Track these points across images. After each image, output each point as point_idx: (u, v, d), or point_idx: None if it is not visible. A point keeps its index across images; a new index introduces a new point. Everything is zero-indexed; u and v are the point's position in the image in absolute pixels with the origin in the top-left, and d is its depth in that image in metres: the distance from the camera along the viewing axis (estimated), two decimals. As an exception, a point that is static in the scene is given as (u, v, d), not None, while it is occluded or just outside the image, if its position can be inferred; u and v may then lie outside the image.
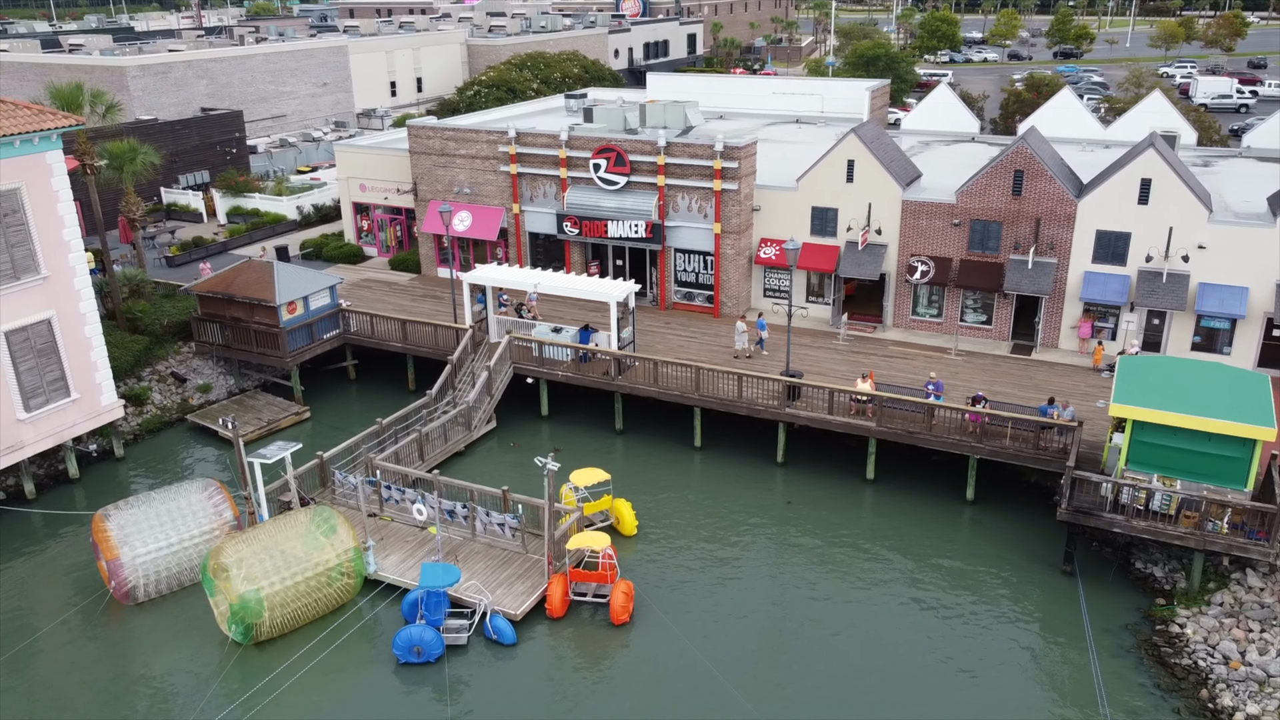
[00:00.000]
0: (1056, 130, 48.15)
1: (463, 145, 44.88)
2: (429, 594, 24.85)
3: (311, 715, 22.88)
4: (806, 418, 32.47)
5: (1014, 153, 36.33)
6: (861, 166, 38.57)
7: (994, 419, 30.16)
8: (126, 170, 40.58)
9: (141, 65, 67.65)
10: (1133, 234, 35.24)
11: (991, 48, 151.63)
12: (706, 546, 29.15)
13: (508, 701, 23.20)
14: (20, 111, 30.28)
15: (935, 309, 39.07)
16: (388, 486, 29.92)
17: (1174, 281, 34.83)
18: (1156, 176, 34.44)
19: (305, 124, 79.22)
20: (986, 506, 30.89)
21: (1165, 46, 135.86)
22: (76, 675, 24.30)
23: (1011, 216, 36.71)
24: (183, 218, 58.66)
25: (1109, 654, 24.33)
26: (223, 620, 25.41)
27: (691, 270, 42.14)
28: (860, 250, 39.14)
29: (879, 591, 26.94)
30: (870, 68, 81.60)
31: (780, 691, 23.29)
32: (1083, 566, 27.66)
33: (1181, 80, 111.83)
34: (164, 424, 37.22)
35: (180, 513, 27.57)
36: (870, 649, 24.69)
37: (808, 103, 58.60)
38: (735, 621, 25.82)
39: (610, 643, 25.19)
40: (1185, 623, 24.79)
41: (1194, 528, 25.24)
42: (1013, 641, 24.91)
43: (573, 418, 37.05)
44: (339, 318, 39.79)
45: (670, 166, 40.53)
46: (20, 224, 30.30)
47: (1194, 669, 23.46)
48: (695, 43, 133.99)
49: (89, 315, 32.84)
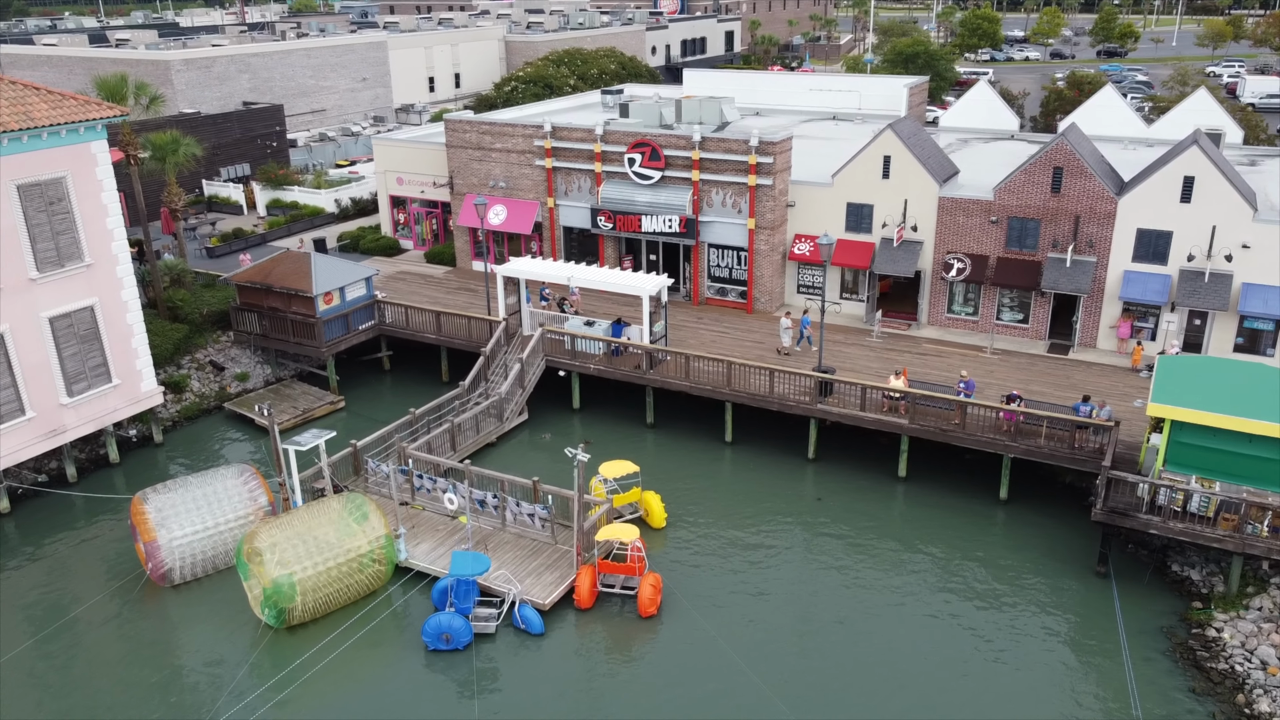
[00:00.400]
0: (1098, 128, 47.51)
1: (498, 139, 45.12)
2: (458, 582, 25.03)
3: (341, 700, 23.14)
4: (838, 414, 32.30)
5: (1053, 149, 35.88)
6: (898, 162, 38.28)
7: (1029, 418, 29.82)
8: (169, 161, 41.24)
9: (185, 59, 68.69)
10: (1174, 233, 34.67)
11: (1033, 46, 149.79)
12: (736, 541, 29.10)
13: (535, 691, 23.31)
14: (66, 102, 30.87)
15: (971, 307, 38.69)
16: (419, 475, 30.17)
17: (1216, 281, 34.23)
18: (1200, 174, 33.85)
19: (344, 118, 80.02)
20: (1020, 507, 30.55)
21: (1212, 45, 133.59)
22: (112, 653, 24.76)
23: (1050, 214, 36.26)
24: (223, 210, 59.52)
25: (1143, 657, 23.98)
26: (256, 604, 25.75)
27: (725, 266, 42.06)
28: (895, 247, 38.86)
29: (909, 591, 26.74)
30: (909, 65, 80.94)
31: (809, 688, 23.19)
32: (1117, 569, 27.28)
33: (1229, 80, 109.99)
34: (202, 411, 37.78)
35: (216, 497, 27.98)
36: (899, 648, 24.52)
37: (845, 99, 58.28)
38: (764, 617, 25.75)
39: (638, 635, 25.23)
40: (1222, 627, 24.37)
41: (1233, 530, 24.80)
42: (1045, 643, 24.62)
43: (604, 411, 37.13)
44: (374, 309, 40.16)
45: (705, 161, 40.47)
46: (65, 212, 30.91)
47: (1230, 674, 23.06)
48: (733, 40, 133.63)
49: (131, 303, 33.43)
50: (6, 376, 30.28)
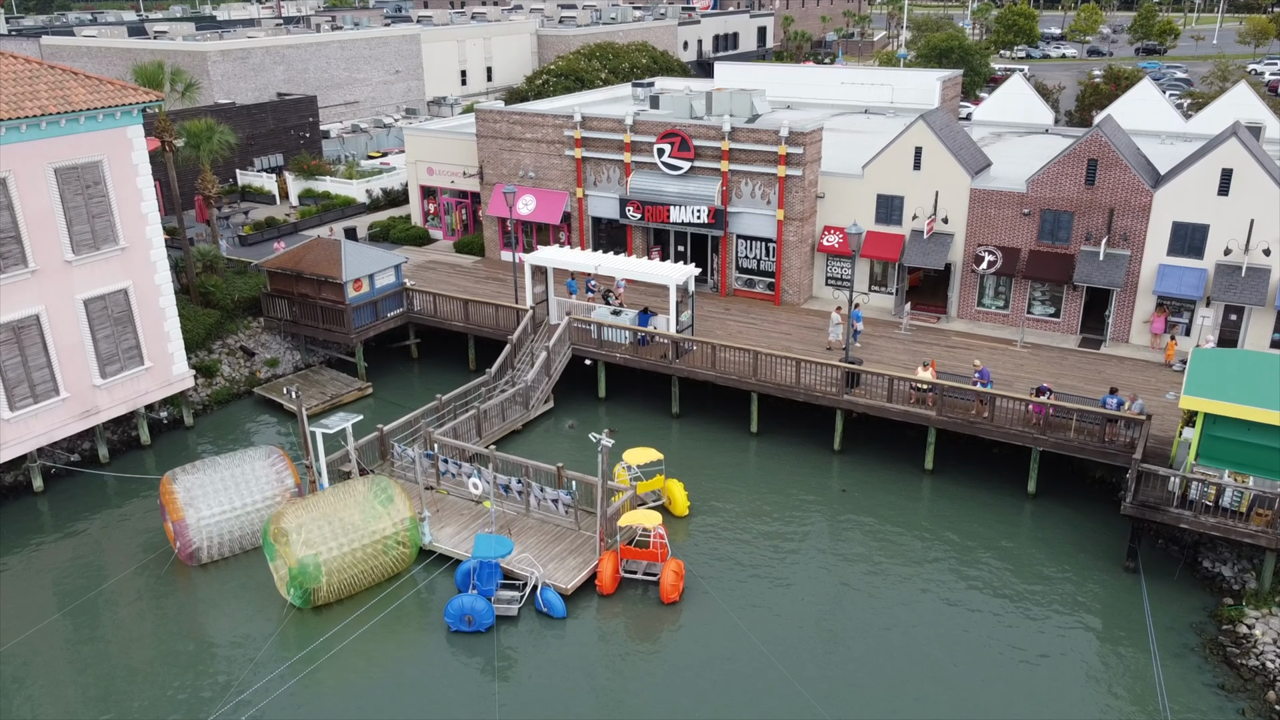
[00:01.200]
0: (1135, 123, 46.86)
1: (529, 129, 45.23)
2: (482, 564, 25.13)
3: (363, 677, 23.31)
4: (865, 405, 32.10)
5: (1088, 141, 35.42)
6: (929, 154, 37.96)
7: (1059, 411, 29.47)
8: (204, 149, 41.75)
9: (222, 50, 69.50)
10: (1211, 226, 34.11)
11: (1070, 44, 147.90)
12: (760, 531, 29.00)
13: (556, 673, 23.36)
14: (103, 87, 31.30)
15: (1002, 300, 38.30)
16: (445, 460, 30.32)
17: (1254, 276, 33.64)
18: (1238, 167, 33.29)
19: (377, 110, 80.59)
20: (1048, 501, 30.20)
21: (1255, 43, 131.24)
22: (140, 627, 25.12)
23: (1084, 207, 35.80)
24: (256, 199, 60.15)
25: (1172, 653, 23.63)
26: (282, 584, 25.97)
27: (753, 257, 41.92)
28: (926, 239, 38.54)
29: (934, 583, 26.51)
30: (943, 60, 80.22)
31: (833, 677, 23.06)
32: (1147, 564, 26.90)
33: (1270, 77, 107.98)
34: (232, 396, 38.19)
35: (244, 478, 28.29)
36: (924, 640, 24.31)
37: (877, 93, 57.85)
38: (787, 606, 25.64)
39: (660, 621, 25.22)
40: (1254, 624, 23.96)
41: (1266, 526, 24.38)
42: (1071, 638, 24.31)
43: (630, 400, 37.14)
44: (403, 297, 40.41)
45: (735, 152, 40.35)
46: (101, 195, 31.34)
47: (1261, 670, 22.68)
48: (765, 36, 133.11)
49: (164, 287, 33.86)
50: (42, 357, 30.76)
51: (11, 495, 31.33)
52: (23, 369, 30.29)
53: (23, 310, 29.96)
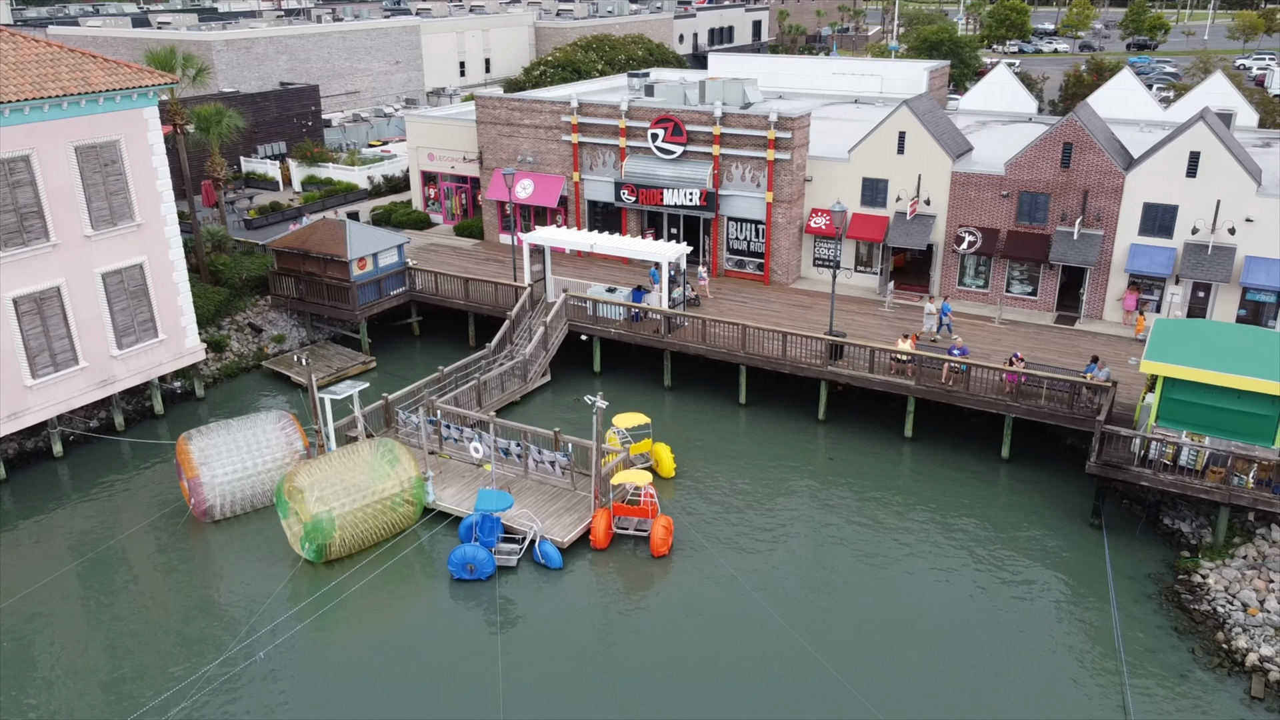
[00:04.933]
0: (1116, 111, 48.44)
1: (527, 115, 46.69)
2: (484, 518, 26.66)
3: (372, 621, 24.85)
4: (848, 376, 33.63)
5: (1064, 125, 36.96)
6: (912, 138, 39.48)
7: (1030, 379, 31.02)
8: (213, 132, 43.16)
9: (226, 40, 70.86)
10: (1180, 207, 35.68)
11: (1063, 39, 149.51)
12: (746, 493, 30.53)
13: (554, 618, 24.88)
14: (121, 70, 32.74)
15: (982, 279, 39.86)
16: (447, 426, 31.83)
17: (1220, 254, 35.23)
18: (1206, 150, 34.85)
19: (378, 100, 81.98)
20: (1022, 465, 31.78)
21: (1244, 39, 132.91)
22: (156, 576, 26.66)
23: (1059, 188, 37.35)
24: (260, 186, 61.54)
25: (1131, 599, 25.21)
26: (295, 541, 27.42)
27: (743, 238, 43.44)
28: (909, 221, 40.08)
29: (915, 539, 28.05)
30: (933, 52, 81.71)
31: (818, 620, 24.59)
32: (1112, 522, 28.49)
33: (1258, 72, 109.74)
34: (241, 370, 39.66)
35: (256, 440, 29.78)
36: (905, 592, 25.82)
37: (867, 84, 59.36)
38: (772, 559, 27.18)
39: (650, 572, 26.76)
40: (1208, 574, 25.54)
41: (1220, 482, 25.96)
42: (1039, 587, 25.88)
43: (624, 374, 38.65)
44: (405, 275, 41.88)
45: (726, 137, 41.84)
46: (119, 174, 32.79)
47: (1212, 615, 24.25)
48: (760, 29, 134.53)
49: (177, 262, 35.32)
50: (62, 328, 32.22)
51: (33, 460, 32.79)
52: (44, 338, 31.75)
53: (45, 282, 31.42)
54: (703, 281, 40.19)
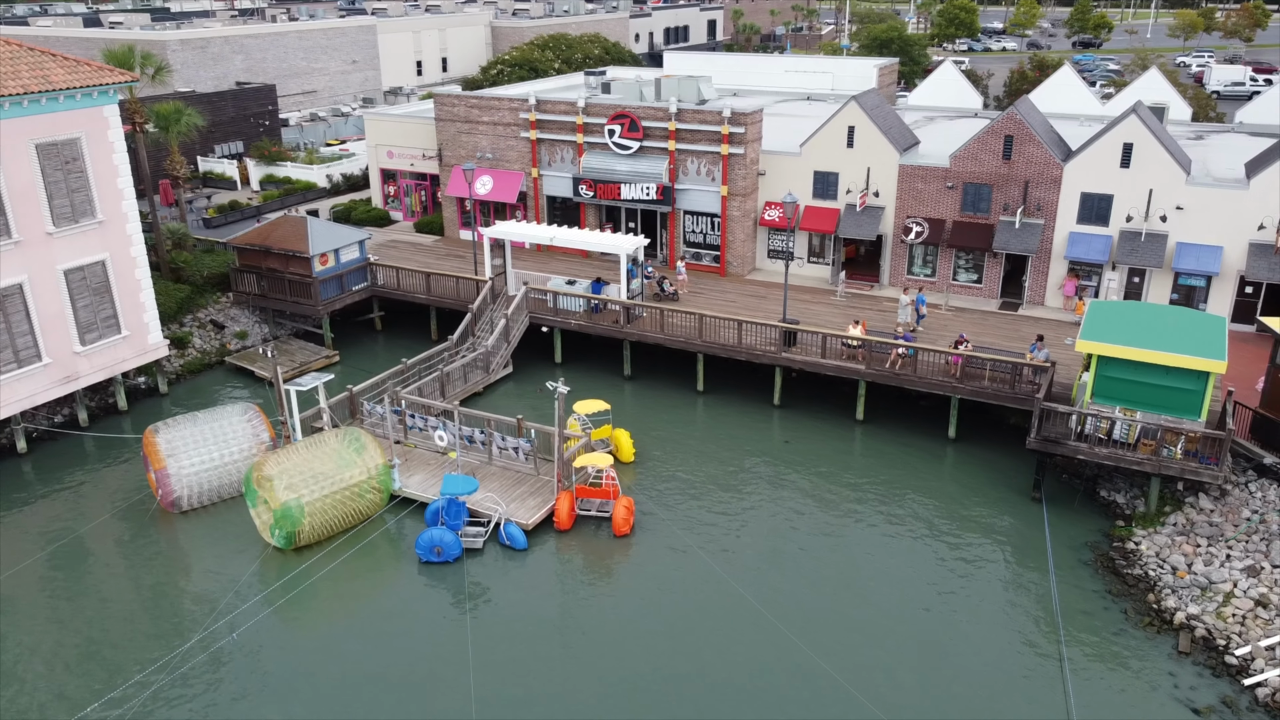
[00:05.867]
0: (1057, 106, 50.19)
1: (486, 113, 47.38)
2: (450, 502, 27.42)
3: (341, 603, 25.50)
4: (802, 361, 34.78)
5: (1004, 119, 38.43)
6: (861, 132, 40.75)
7: (973, 361, 32.35)
8: (172, 130, 43.36)
9: (182, 40, 70.67)
10: (1115, 196, 37.27)
11: (1011, 37, 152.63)
12: (705, 474, 31.56)
13: (521, 597, 25.70)
14: (81, 68, 33.00)
15: (929, 268, 41.25)
16: (412, 415, 32.50)
17: (1153, 241, 36.87)
18: (1138, 141, 36.45)
19: (335, 99, 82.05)
20: (968, 444, 33.13)
21: (1184, 37, 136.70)
22: (124, 565, 27.11)
23: (1001, 180, 38.81)
24: (218, 185, 61.49)
25: (1069, 566, 26.58)
26: (265, 529, 27.96)
27: (700, 231, 44.49)
28: (859, 212, 41.35)
29: (868, 516, 29.24)
30: (884, 50, 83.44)
31: (776, 591, 25.64)
32: (1052, 495, 29.89)
33: (1197, 69, 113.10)
34: (204, 366, 39.97)
35: (222, 432, 30.27)
36: (858, 565, 26.95)
37: (819, 81, 60.72)
38: (731, 537, 28.20)
39: (613, 550, 27.68)
40: (1140, 540, 26.98)
41: (1151, 454, 27.41)
42: (984, 557, 27.17)
43: (585, 364, 39.52)
44: (367, 271, 42.40)
45: (681, 132, 42.85)
46: (80, 171, 33.04)
47: (1144, 578, 25.67)
48: (715, 29, 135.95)
49: (139, 259, 35.60)
50: (25, 324, 32.42)
51: (-3, 456, 32.99)
52: (7, 335, 31.95)
53: (7, 279, 31.61)
54: (681, 277, 41.12)
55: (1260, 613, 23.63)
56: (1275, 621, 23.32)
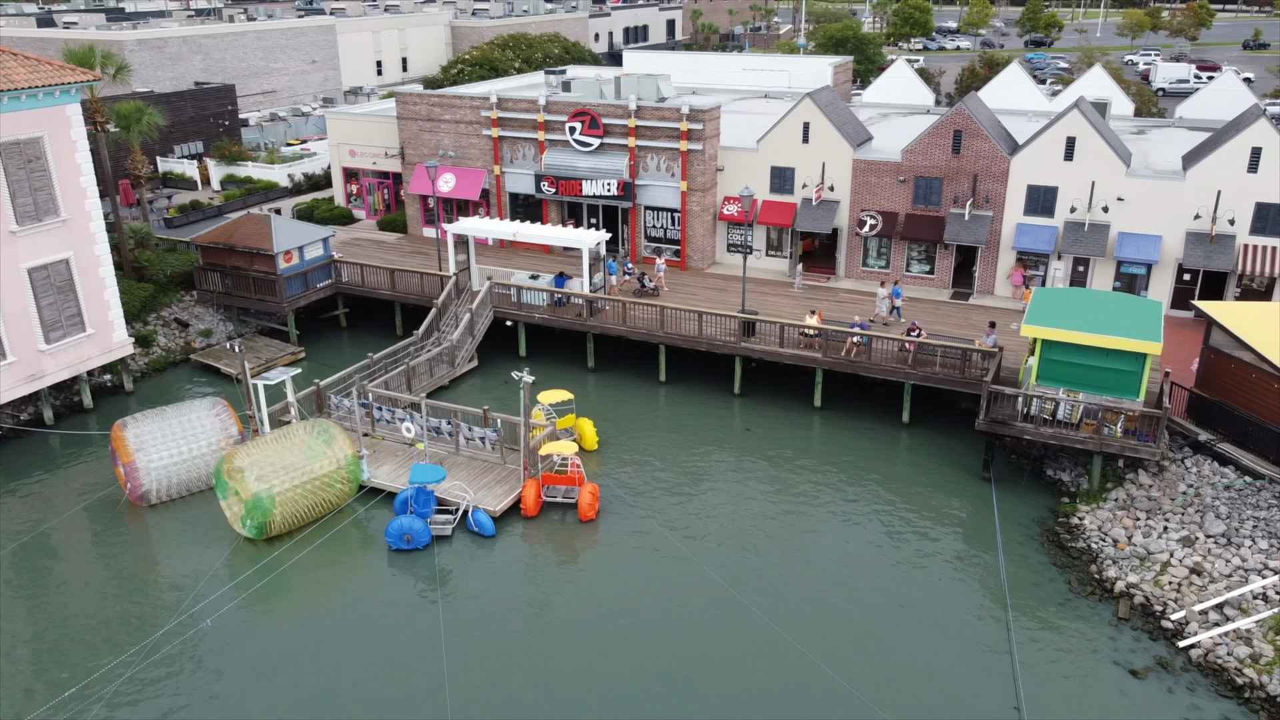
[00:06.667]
0: (1006, 102, 51.65)
1: (448, 111, 47.89)
2: (418, 491, 28.01)
3: (313, 591, 26.04)
4: (761, 351, 35.75)
5: (953, 114, 39.69)
6: (816, 128, 41.83)
7: (925, 348, 33.50)
8: (134, 130, 43.41)
9: (139, 40, 70.28)
10: (1059, 188, 38.66)
11: (965, 36, 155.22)
12: (668, 461, 32.41)
13: (490, 582, 26.37)
14: (42, 67, 33.14)
15: (883, 260, 42.43)
16: (379, 408, 33.02)
17: (1096, 231, 38.29)
18: (1080, 135, 37.85)
19: (295, 99, 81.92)
20: (921, 428, 34.28)
21: (1132, 36, 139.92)
22: (95, 555, 27.43)
23: (951, 173, 40.06)
24: (178, 185, 61.36)
25: (1016, 541, 27.76)
26: (236, 520, 28.38)
27: (660, 226, 45.35)
28: (815, 206, 42.43)
29: (827, 498, 30.25)
30: (839, 49, 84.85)
31: (738, 568, 26.54)
32: (1001, 474, 31.11)
33: (1144, 66, 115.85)
34: (169, 364, 40.15)
35: (191, 426, 30.61)
36: (818, 545, 27.92)
37: (776, 79, 61.84)
38: (695, 520, 29.05)
39: (579, 535, 28.44)
40: (1084, 515, 28.22)
41: (1093, 433, 28.68)
42: (937, 534, 28.28)
43: (549, 357, 40.21)
44: (332, 268, 42.78)
45: (641, 129, 43.68)
46: (43, 170, 33.18)
47: (1087, 550, 26.91)
48: (674, 28, 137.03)
49: (103, 257, 35.75)
50: (-11, 323, 32.53)
51: (-38, 455, 33.04)
52: (-29, 333, 32.03)
53: (-29, 277, 31.71)
54: (660, 273, 41.86)
55: (1194, 580, 24.92)
56: (1208, 588, 24.61)
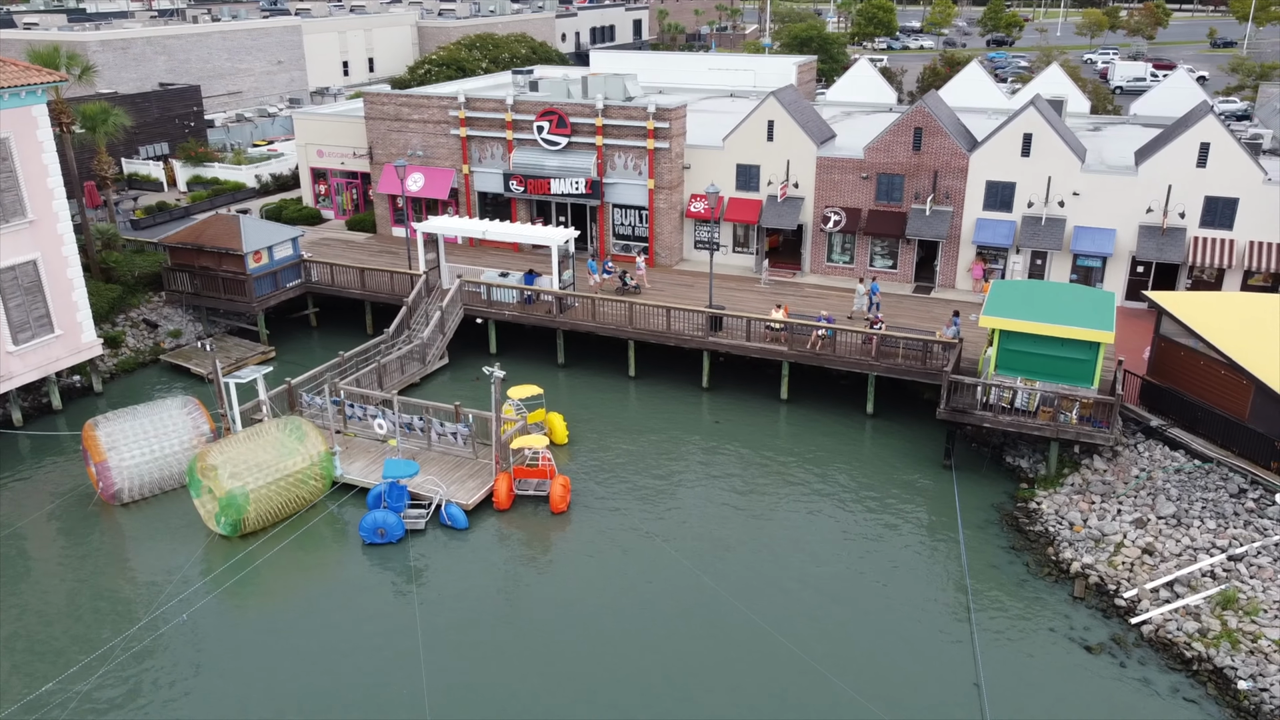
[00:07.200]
0: (966, 100, 52.69)
1: (416, 111, 48.14)
2: (391, 485, 28.36)
3: (288, 585, 26.33)
4: (728, 345, 36.38)
5: (914, 112, 40.55)
6: (780, 126, 42.55)
7: (887, 340, 34.28)
8: (99, 131, 43.31)
9: (103, 41, 69.82)
10: (1017, 184, 39.62)
11: (928, 35, 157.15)
12: (638, 454, 32.94)
13: (465, 574, 26.77)
14: (7, 68, 33.12)
15: (848, 255, 43.24)
16: (351, 405, 33.30)
17: (1052, 225, 39.29)
18: (1037, 132, 38.83)
19: (261, 100, 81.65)
20: (885, 419, 35.07)
21: (1091, 35, 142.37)
22: (69, 553, 27.52)
23: (913, 170, 40.92)
24: (144, 187, 61.07)
25: (976, 526, 28.58)
26: (210, 518, 28.56)
27: (628, 224, 45.90)
28: (780, 203, 43.15)
29: (795, 487, 30.92)
30: (804, 48, 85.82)
31: (709, 556, 27.12)
32: (962, 462, 31.95)
33: (1102, 65, 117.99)
34: (138, 365, 40.13)
35: (163, 425, 30.75)
36: (786, 532, 28.55)
37: (741, 78, 62.60)
38: (666, 510, 29.62)
39: (552, 527, 28.92)
40: (1041, 500, 29.10)
41: (1050, 420, 29.56)
42: (901, 520, 29.02)
43: (520, 354, 40.62)
44: (301, 268, 42.92)
45: (608, 128, 44.19)
46: (9, 171, 33.14)
47: (1044, 534, 27.77)
48: (641, 28, 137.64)
49: (71, 258, 35.73)
50: (-44, 324, 32.45)
51: (-70, 457, 32.94)
52: (-62, 335, 31.95)
53: (-63, 279, 31.63)
54: (640, 271, 42.33)
55: (1146, 559, 25.83)
56: (1159, 567, 25.52)
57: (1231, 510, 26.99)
